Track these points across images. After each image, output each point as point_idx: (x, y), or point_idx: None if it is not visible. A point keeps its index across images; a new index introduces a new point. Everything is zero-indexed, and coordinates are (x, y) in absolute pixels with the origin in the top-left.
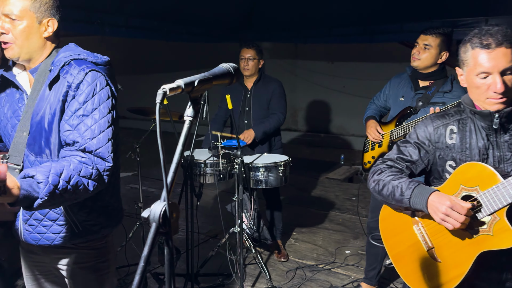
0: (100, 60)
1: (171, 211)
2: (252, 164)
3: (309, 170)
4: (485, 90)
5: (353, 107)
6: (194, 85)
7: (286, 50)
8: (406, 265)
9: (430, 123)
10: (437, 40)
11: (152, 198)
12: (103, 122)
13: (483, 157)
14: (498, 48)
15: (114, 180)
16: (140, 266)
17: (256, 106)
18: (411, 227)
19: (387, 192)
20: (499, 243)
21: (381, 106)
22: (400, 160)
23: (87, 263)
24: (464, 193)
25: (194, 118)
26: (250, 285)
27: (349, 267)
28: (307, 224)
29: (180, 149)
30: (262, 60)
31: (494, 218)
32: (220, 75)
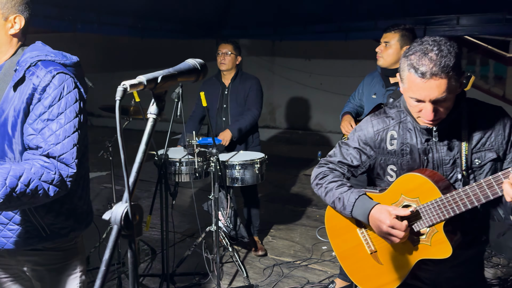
0: (68, 61)
1: (134, 212)
2: (228, 162)
3: (287, 167)
4: (417, 111)
5: (331, 104)
6: (157, 82)
7: (263, 47)
8: (350, 264)
9: (371, 127)
10: (396, 36)
11: None
12: (68, 127)
13: (422, 161)
14: (433, 79)
15: (83, 182)
16: (101, 270)
17: (233, 103)
18: (355, 230)
19: (330, 200)
20: (437, 253)
21: (357, 105)
22: (342, 164)
23: (55, 264)
24: (405, 202)
25: (158, 115)
26: (227, 284)
27: (325, 263)
28: (285, 221)
29: (143, 148)
30: (239, 56)
31: (433, 230)
32: (185, 72)
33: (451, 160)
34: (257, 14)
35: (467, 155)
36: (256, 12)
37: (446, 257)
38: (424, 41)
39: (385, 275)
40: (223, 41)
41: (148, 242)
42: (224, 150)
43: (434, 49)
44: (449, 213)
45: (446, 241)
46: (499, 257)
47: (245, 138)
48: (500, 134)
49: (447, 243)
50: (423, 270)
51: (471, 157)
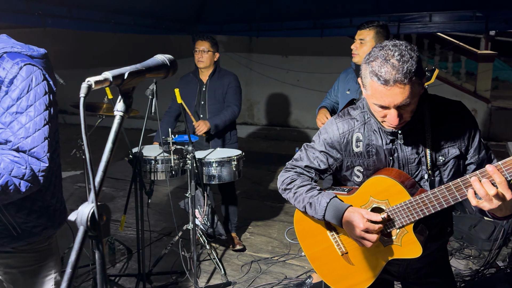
0: (36, 52)
1: (101, 213)
2: (204, 160)
3: (265, 163)
4: (381, 116)
5: (308, 101)
6: (124, 78)
7: (240, 43)
8: (321, 265)
9: (336, 129)
10: (371, 33)
11: (102, 197)
12: (38, 120)
13: (388, 161)
14: (396, 86)
15: (55, 179)
16: (67, 273)
17: (211, 100)
18: (325, 232)
19: (300, 205)
20: (407, 253)
21: (334, 101)
22: (309, 169)
23: (29, 267)
24: (374, 205)
25: (125, 113)
26: (204, 282)
27: (303, 258)
28: (263, 218)
29: (109, 147)
30: (217, 53)
31: (403, 231)
32: (154, 68)
33: (416, 159)
34: (234, 9)
35: (431, 153)
36: (233, 7)
37: (417, 256)
38: (384, 46)
39: (357, 275)
40: (200, 38)
41: (124, 241)
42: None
43: (395, 55)
44: (418, 215)
45: (416, 241)
46: (470, 249)
47: (223, 135)
48: (461, 130)
49: (417, 243)
50: (392, 264)
51: (435, 155)
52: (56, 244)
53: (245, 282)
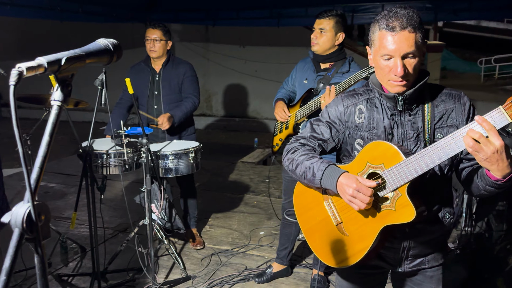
0: None
1: (39, 212)
2: (160, 152)
3: (224, 154)
4: (387, 72)
5: (266, 91)
6: (61, 64)
7: (196, 33)
8: (316, 239)
9: (341, 103)
10: (331, 22)
11: (52, 194)
12: None
13: (388, 136)
14: (402, 31)
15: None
16: (1, 281)
17: (166, 90)
18: (322, 203)
19: (300, 172)
20: (401, 217)
21: (290, 91)
22: (313, 139)
23: None
24: (371, 170)
25: (63, 102)
26: (163, 277)
27: (263, 248)
28: (223, 209)
29: (46, 140)
30: (170, 41)
31: (397, 194)
32: (95, 52)
33: (415, 134)
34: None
35: (430, 130)
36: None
37: (409, 220)
38: (389, 9)
39: (350, 246)
40: (150, 26)
41: (77, 239)
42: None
43: (401, 10)
44: (412, 175)
45: (410, 204)
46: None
47: (180, 127)
48: (460, 112)
49: (410, 206)
50: (388, 249)
51: (434, 132)
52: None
53: (205, 276)
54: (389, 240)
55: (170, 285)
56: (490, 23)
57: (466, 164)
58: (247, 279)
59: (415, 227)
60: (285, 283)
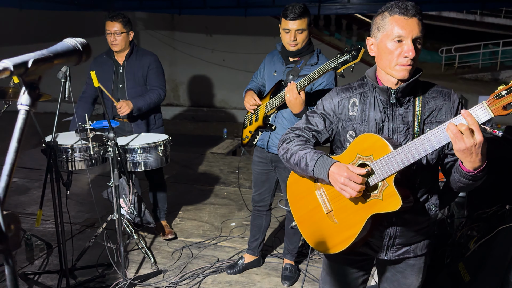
0: None
1: (8, 223)
2: (128, 146)
3: (193, 146)
4: (397, 55)
5: (234, 81)
6: (28, 66)
7: (162, 21)
8: (308, 227)
9: (336, 96)
10: (305, 21)
11: (15, 189)
12: None
13: (379, 129)
14: (413, 17)
15: None
16: None
17: (130, 83)
18: (313, 192)
19: (294, 161)
20: (387, 206)
21: (260, 84)
22: (307, 130)
23: None
24: (360, 161)
25: (31, 107)
26: (133, 272)
27: (234, 239)
28: (193, 201)
29: (15, 147)
30: (131, 32)
31: (384, 184)
32: (63, 53)
33: (405, 128)
34: None
35: (419, 124)
36: None
37: (395, 209)
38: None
39: (339, 233)
40: (109, 18)
41: (42, 236)
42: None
43: (408, 2)
44: (398, 166)
45: (396, 193)
46: None
47: (147, 119)
48: (449, 110)
49: (396, 196)
50: (375, 237)
51: (423, 127)
52: None
53: (177, 269)
54: (377, 228)
55: (141, 280)
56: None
57: (450, 159)
58: (219, 271)
59: (402, 217)
60: (256, 273)
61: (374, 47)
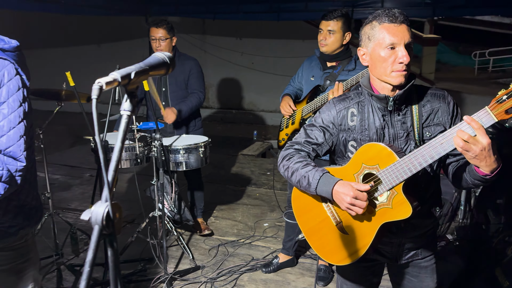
0: (7, 45)
1: (114, 211)
2: (171, 147)
3: (224, 147)
4: (391, 62)
5: (262, 83)
6: (131, 78)
7: (193, 25)
8: (318, 239)
9: (333, 107)
10: (339, 23)
11: (58, 186)
12: (13, 117)
13: (380, 136)
14: (402, 24)
15: (30, 176)
16: (85, 271)
17: (173, 87)
18: (320, 204)
19: (295, 180)
20: (397, 214)
21: (297, 88)
22: (307, 144)
23: (5, 265)
24: (366, 171)
25: (132, 112)
26: (173, 267)
27: (268, 239)
28: (226, 201)
29: (119, 146)
30: (174, 37)
31: (393, 193)
32: (156, 66)
33: (405, 133)
34: None
35: (418, 129)
36: None
37: (406, 216)
38: (381, 10)
39: (351, 244)
40: (154, 24)
41: (87, 231)
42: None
43: (394, 9)
44: (406, 174)
45: (406, 201)
46: None
47: (187, 122)
48: (445, 111)
49: (406, 203)
50: (385, 243)
51: (422, 131)
52: (33, 241)
53: (214, 265)
54: (387, 236)
55: (181, 275)
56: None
57: (452, 160)
58: (254, 269)
59: (410, 222)
60: (291, 272)
61: (366, 56)
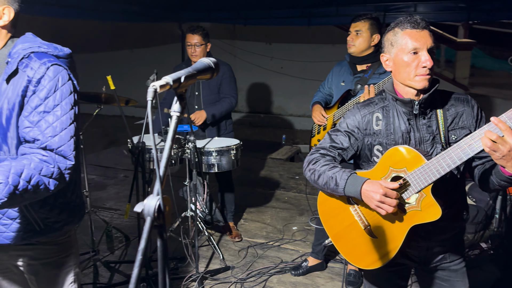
0: (61, 52)
1: (164, 204)
2: (204, 149)
3: (252, 150)
4: (414, 67)
5: (291, 88)
6: (181, 81)
7: (224, 30)
8: (345, 244)
9: (358, 112)
10: (366, 24)
11: (94, 185)
12: (65, 119)
13: (405, 140)
14: (425, 29)
15: (76, 175)
16: (138, 259)
17: (206, 91)
18: (347, 208)
19: (322, 182)
20: (427, 216)
21: (327, 94)
22: (333, 148)
23: (49, 258)
24: (394, 174)
25: (181, 113)
26: (204, 267)
27: (296, 243)
28: (255, 204)
29: (169, 145)
30: (209, 43)
31: (421, 195)
32: (202, 70)
33: (431, 137)
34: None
35: (444, 132)
36: None
37: (436, 218)
38: (403, 17)
39: (380, 248)
40: (190, 31)
41: (121, 229)
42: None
43: (415, 16)
44: (434, 176)
45: (435, 203)
46: None
47: (218, 125)
48: (470, 115)
49: (436, 205)
50: (413, 247)
51: (448, 134)
52: (75, 237)
53: (243, 267)
54: (414, 239)
55: (211, 274)
56: None
57: (477, 162)
58: (284, 271)
59: (438, 225)
60: (320, 276)
61: (389, 62)
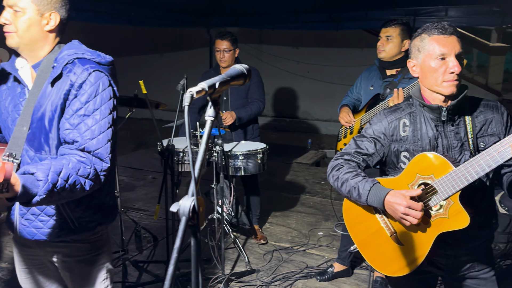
0: (103, 60)
1: (198, 205)
2: (231, 152)
3: (278, 155)
4: (442, 72)
5: (317, 92)
6: (216, 87)
7: (251, 35)
8: (371, 251)
9: (385, 118)
10: (397, 30)
11: (124, 186)
12: (103, 123)
13: (433, 146)
14: (452, 35)
15: (110, 178)
16: (173, 257)
17: (234, 96)
18: (373, 215)
19: (345, 190)
20: (455, 224)
21: (355, 99)
22: (357, 154)
23: (83, 256)
24: (421, 181)
25: (215, 118)
26: (229, 269)
27: (322, 248)
28: (281, 208)
29: (204, 147)
30: (237, 49)
31: (449, 202)
32: (235, 76)
33: (459, 144)
34: (248, 2)
35: (473, 139)
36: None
37: (464, 226)
38: (430, 23)
39: (406, 255)
40: (219, 36)
41: (150, 229)
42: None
43: (443, 22)
44: (463, 183)
45: (463, 210)
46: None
47: (245, 128)
48: (499, 122)
49: (464, 213)
50: (440, 255)
51: (477, 141)
52: (108, 236)
53: (268, 270)
54: (441, 247)
55: (237, 276)
56: None
57: (506, 170)
58: (309, 276)
59: (466, 233)
60: (346, 283)
61: (416, 68)
